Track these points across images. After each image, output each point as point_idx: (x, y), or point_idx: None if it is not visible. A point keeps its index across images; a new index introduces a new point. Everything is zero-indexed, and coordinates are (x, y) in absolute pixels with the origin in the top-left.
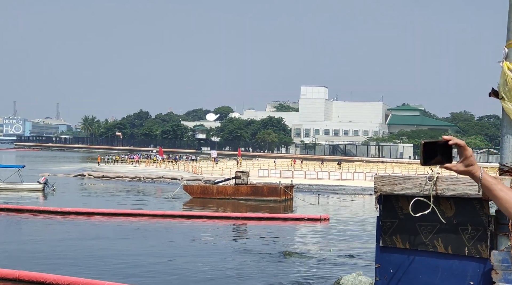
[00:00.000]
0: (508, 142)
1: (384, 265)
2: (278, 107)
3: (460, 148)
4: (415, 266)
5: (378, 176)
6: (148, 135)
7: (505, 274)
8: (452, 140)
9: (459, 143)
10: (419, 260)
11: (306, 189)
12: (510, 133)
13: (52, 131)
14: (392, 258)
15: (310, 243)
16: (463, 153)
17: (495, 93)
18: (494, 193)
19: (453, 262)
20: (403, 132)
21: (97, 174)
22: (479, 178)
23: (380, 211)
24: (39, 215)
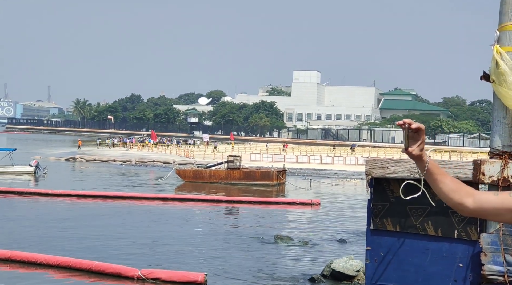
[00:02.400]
0: (499, 126)
1: (375, 248)
2: (270, 91)
3: (420, 132)
4: (405, 248)
5: (370, 159)
6: (140, 119)
7: (494, 256)
8: (414, 124)
9: (420, 127)
10: (409, 242)
11: (298, 173)
12: (501, 116)
13: (44, 114)
14: (383, 240)
15: (301, 227)
16: (421, 137)
17: (486, 77)
18: (436, 176)
19: (443, 244)
20: (395, 117)
21: (89, 157)
22: (426, 161)
23: (371, 194)
24: (30, 197)
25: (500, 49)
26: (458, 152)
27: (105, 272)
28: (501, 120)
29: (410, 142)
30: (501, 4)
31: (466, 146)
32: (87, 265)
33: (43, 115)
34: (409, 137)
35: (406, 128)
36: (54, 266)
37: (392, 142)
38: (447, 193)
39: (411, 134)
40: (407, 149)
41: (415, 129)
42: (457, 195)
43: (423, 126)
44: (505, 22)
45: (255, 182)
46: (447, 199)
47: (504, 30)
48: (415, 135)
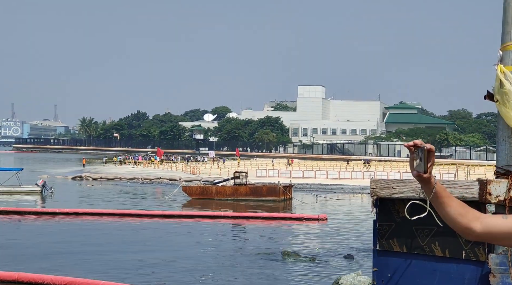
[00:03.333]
0: (504, 145)
1: (382, 269)
2: (275, 107)
3: (430, 153)
4: (412, 269)
5: (375, 180)
6: (146, 136)
7: (503, 277)
8: (426, 145)
9: (432, 148)
10: (416, 263)
11: (304, 188)
12: (506, 136)
13: (50, 133)
14: (390, 261)
15: (308, 243)
16: (431, 158)
17: (490, 96)
18: (443, 199)
19: (451, 265)
20: (400, 131)
21: (95, 175)
22: (434, 184)
23: (376, 215)
24: (38, 216)
25: (504, 69)
26: (465, 165)
27: None
28: (506, 140)
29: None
30: (503, 24)
31: (473, 159)
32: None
33: (50, 134)
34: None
35: (424, 150)
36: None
37: (398, 156)
38: (454, 217)
39: (427, 156)
40: (426, 172)
41: (430, 150)
42: (464, 219)
43: (433, 148)
44: (507, 42)
45: (262, 197)
46: (454, 223)
47: (507, 49)
48: (426, 157)
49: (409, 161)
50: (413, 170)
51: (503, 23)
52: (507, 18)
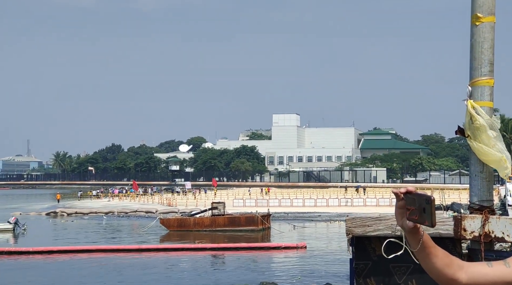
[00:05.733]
0: (477, 180)
1: None
2: (250, 135)
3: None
4: None
5: (350, 218)
6: (121, 168)
7: None
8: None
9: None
10: None
11: (282, 217)
12: (478, 171)
13: (23, 168)
14: None
15: (288, 272)
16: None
17: (461, 131)
18: (430, 249)
19: None
20: (375, 157)
21: (70, 210)
22: (421, 234)
23: (353, 253)
24: (9, 256)
25: (474, 104)
26: (440, 189)
27: None
28: (479, 175)
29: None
30: (470, 60)
31: (447, 183)
32: None
33: (23, 170)
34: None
35: (432, 200)
36: None
37: (374, 181)
38: (441, 268)
39: (403, 203)
40: (434, 225)
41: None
42: (450, 269)
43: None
44: (476, 78)
45: (240, 227)
46: (439, 274)
47: (475, 85)
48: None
49: (395, 208)
50: (405, 220)
51: (470, 59)
52: (475, 54)
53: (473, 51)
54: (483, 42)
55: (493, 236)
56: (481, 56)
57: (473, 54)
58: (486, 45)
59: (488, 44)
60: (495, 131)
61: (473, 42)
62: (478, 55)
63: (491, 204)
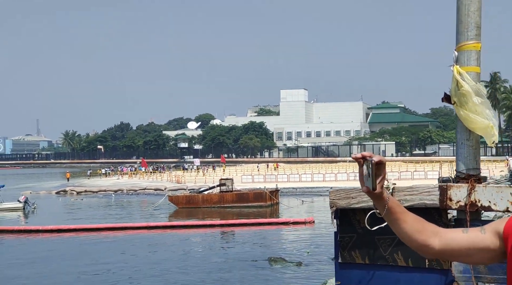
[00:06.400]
0: (463, 148)
1: (344, 282)
2: (259, 112)
3: (380, 165)
4: (375, 281)
5: (333, 190)
6: (130, 147)
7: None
8: (375, 157)
9: (382, 160)
10: (379, 275)
11: (290, 193)
12: (464, 139)
13: (33, 148)
14: (352, 274)
15: (295, 247)
16: (382, 172)
17: (448, 98)
18: (398, 215)
19: (414, 275)
20: (384, 130)
21: (80, 189)
22: (387, 199)
23: (337, 226)
24: (20, 235)
25: (460, 70)
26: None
27: None
28: (465, 143)
29: (366, 178)
30: (457, 23)
31: None
32: None
33: (33, 149)
34: (364, 173)
35: (373, 164)
36: None
37: (383, 155)
38: (410, 234)
39: (377, 168)
40: (375, 188)
41: (377, 163)
42: (421, 235)
43: (385, 159)
44: (462, 42)
45: (249, 203)
46: (410, 240)
47: (461, 50)
48: (376, 170)
49: (359, 174)
50: (363, 185)
51: (456, 23)
52: (461, 17)
53: (459, 14)
54: (469, 5)
55: (479, 205)
56: (467, 19)
57: (459, 17)
58: (472, 7)
59: (475, 6)
60: (481, 97)
61: (459, 4)
62: (464, 19)
63: (478, 172)
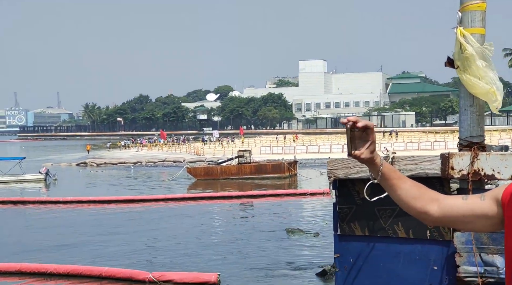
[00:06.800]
0: (466, 114)
1: (344, 255)
2: (277, 83)
3: (368, 131)
4: (375, 253)
5: (331, 160)
6: (150, 119)
7: (469, 256)
8: (360, 122)
9: (368, 125)
10: (379, 246)
11: (309, 164)
12: (468, 105)
13: (54, 120)
14: (351, 246)
15: (313, 218)
16: (371, 136)
17: (451, 62)
18: (393, 181)
19: (415, 246)
20: (404, 101)
21: (99, 161)
22: (380, 165)
23: (336, 197)
24: (41, 205)
25: (464, 32)
26: None
27: (115, 277)
28: (468, 109)
29: (358, 143)
30: None
31: None
32: (97, 271)
33: (54, 122)
34: (357, 138)
35: (348, 129)
36: (64, 275)
37: (403, 126)
38: (407, 200)
39: (358, 134)
40: (351, 153)
41: (362, 128)
42: (419, 202)
43: (372, 124)
44: (466, 2)
45: (267, 175)
46: (408, 207)
47: (465, 10)
48: (364, 135)
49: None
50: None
51: None
52: None
53: None
54: None
55: (483, 173)
56: None
57: None
58: None
59: None
60: (485, 61)
61: None
62: None
63: (482, 140)
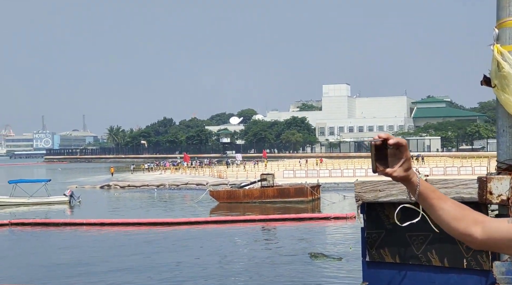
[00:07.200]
0: (505, 136)
1: (373, 283)
2: (301, 107)
3: (401, 148)
4: (407, 282)
5: (359, 182)
6: (173, 142)
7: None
8: (392, 139)
9: (400, 142)
10: (411, 275)
11: (332, 188)
12: (506, 126)
13: (80, 143)
14: (381, 274)
15: (336, 242)
16: (404, 154)
17: (487, 81)
18: (432, 201)
19: (451, 276)
20: (429, 125)
21: (123, 183)
22: (417, 184)
23: (364, 222)
24: (65, 227)
25: (501, 49)
26: None
27: None
28: (507, 130)
29: (391, 161)
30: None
31: None
32: None
33: (79, 144)
34: (390, 155)
35: (372, 146)
36: None
37: (428, 151)
38: (448, 221)
39: (391, 151)
40: (375, 170)
41: (394, 145)
42: (462, 223)
43: (404, 141)
44: (503, 18)
45: (289, 199)
46: (449, 228)
47: (503, 27)
48: (397, 153)
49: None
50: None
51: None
52: None
53: None
54: None
55: None
56: None
57: None
58: None
59: None
60: None
61: None
62: None
63: None
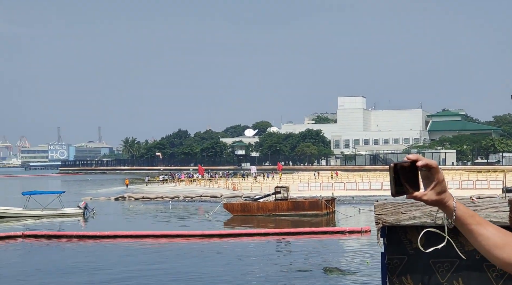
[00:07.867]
0: None
1: None
2: (316, 119)
3: (432, 170)
4: None
5: (379, 204)
6: (188, 154)
7: None
8: (422, 160)
9: (430, 164)
10: None
11: (347, 201)
12: None
13: (95, 154)
14: None
15: (351, 256)
16: (435, 176)
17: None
18: (470, 227)
19: None
20: (444, 139)
21: (137, 195)
22: (453, 208)
23: (384, 246)
24: (78, 240)
25: None
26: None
27: None
28: None
29: (426, 184)
30: None
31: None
32: None
33: (95, 156)
34: (423, 178)
35: (391, 168)
36: None
37: (443, 164)
38: (488, 249)
39: (424, 174)
40: (394, 193)
41: (424, 166)
42: (504, 251)
43: (435, 163)
44: None
45: (304, 212)
46: (490, 257)
47: None
48: (429, 175)
49: None
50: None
51: None
52: None
53: None
54: None
55: None
56: None
57: None
58: None
59: None
60: None
61: None
62: None
63: None
